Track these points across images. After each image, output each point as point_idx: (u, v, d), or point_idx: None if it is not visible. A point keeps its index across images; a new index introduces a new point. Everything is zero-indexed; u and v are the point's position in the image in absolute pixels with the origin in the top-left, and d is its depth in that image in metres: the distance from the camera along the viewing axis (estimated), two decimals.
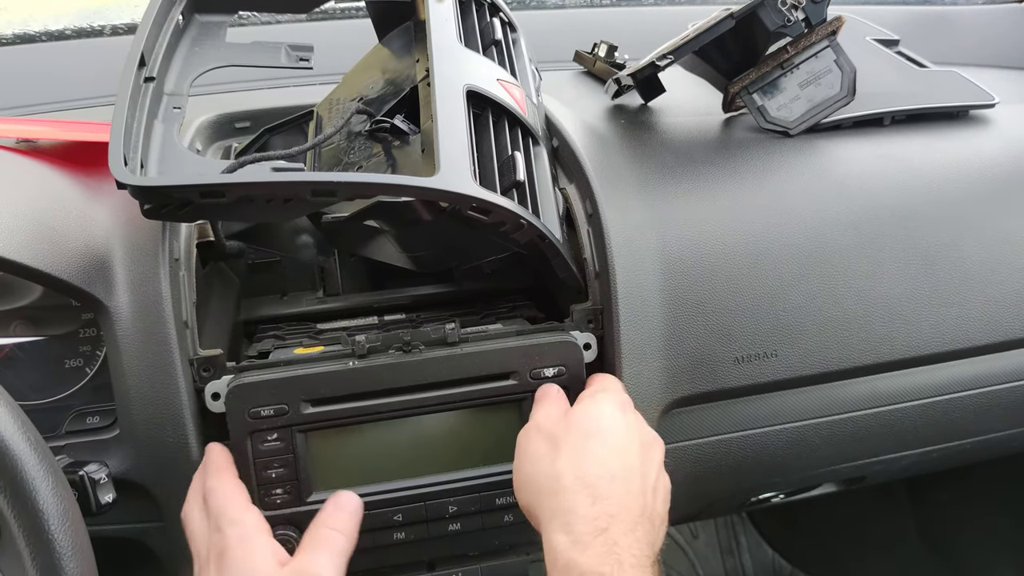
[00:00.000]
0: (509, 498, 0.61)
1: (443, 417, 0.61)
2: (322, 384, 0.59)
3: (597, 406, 0.57)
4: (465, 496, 0.61)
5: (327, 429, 0.59)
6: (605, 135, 0.77)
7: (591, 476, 0.51)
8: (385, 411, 0.60)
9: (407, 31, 0.72)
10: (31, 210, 0.61)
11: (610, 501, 0.50)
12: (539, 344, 0.61)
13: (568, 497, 0.50)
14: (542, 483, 0.53)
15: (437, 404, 0.60)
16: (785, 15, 0.76)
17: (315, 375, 0.59)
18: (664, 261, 0.67)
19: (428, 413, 0.61)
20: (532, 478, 0.54)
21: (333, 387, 0.59)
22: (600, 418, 0.55)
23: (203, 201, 0.51)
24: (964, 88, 0.86)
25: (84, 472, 0.53)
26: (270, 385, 0.58)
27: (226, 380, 0.59)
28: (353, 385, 0.59)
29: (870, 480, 0.95)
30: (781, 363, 0.68)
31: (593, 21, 1.10)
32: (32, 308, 0.64)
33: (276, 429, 0.58)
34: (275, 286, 0.74)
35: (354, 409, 0.59)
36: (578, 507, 0.50)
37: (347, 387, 0.59)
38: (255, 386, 0.58)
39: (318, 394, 0.59)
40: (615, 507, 0.50)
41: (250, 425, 0.58)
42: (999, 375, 0.77)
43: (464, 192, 0.54)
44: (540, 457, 0.54)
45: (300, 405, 0.58)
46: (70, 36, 0.98)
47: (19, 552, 0.42)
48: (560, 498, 0.51)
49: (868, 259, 0.71)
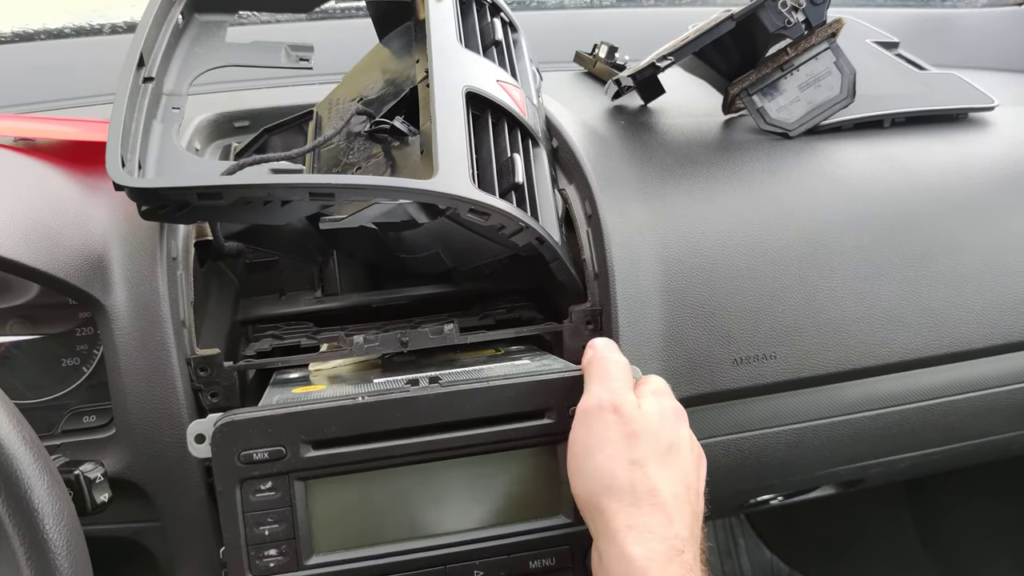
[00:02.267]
0: (545, 560, 0.54)
1: (467, 463, 0.53)
2: (326, 422, 0.50)
3: (671, 414, 0.52)
4: (493, 559, 0.53)
5: (332, 476, 0.51)
6: (605, 136, 0.77)
7: (667, 494, 0.49)
8: (400, 455, 0.52)
9: (407, 31, 0.72)
10: (28, 208, 0.61)
11: (682, 523, 0.49)
12: (578, 377, 0.53)
13: (645, 512, 0.48)
14: (615, 484, 0.49)
15: (460, 447, 0.52)
16: (785, 17, 0.76)
17: (317, 411, 0.50)
18: (663, 262, 0.67)
19: (450, 458, 0.53)
20: (601, 471, 0.49)
21: (339, 426, 0.51)
22: (675, 429, 0.52)
23: (201, 203, 0.51)
24: (964, 91, 0.86)
25: (80, 471, 0.53)
26: (264, 423, 0.50)
27: (212, 419, 0.51)
28: (362, 424, 0.51)
29: (869, 482, 0.95)
30: (780, 365, 0.68)
31: (593, 22, 1.10)
32: (29, 306, 0.64)
33: (271, 476, 0.50)
34: (273, 286, 0.74)
35: (364, 452, 0.51)
36: (655, 525, 0.48)
37: (355, 426, 0.51)
38: (247, 424, 0.50)
39: (321, 434, 0.50)
40: (686, 530, 0.49)
41: (240, 471, 0.50)
42: (998, 378, 0.77)
43: (462, 195, 0.54)
44: (612, 447, 0.49)
45: (300, 447, 0.50)
46: (69, 34, 0.98)
47: (14, 551, 0.42)
48: (639, 512, 0.48)
49: (867, 261, 0.71)
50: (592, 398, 0.51)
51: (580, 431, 0.51)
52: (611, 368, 0.53)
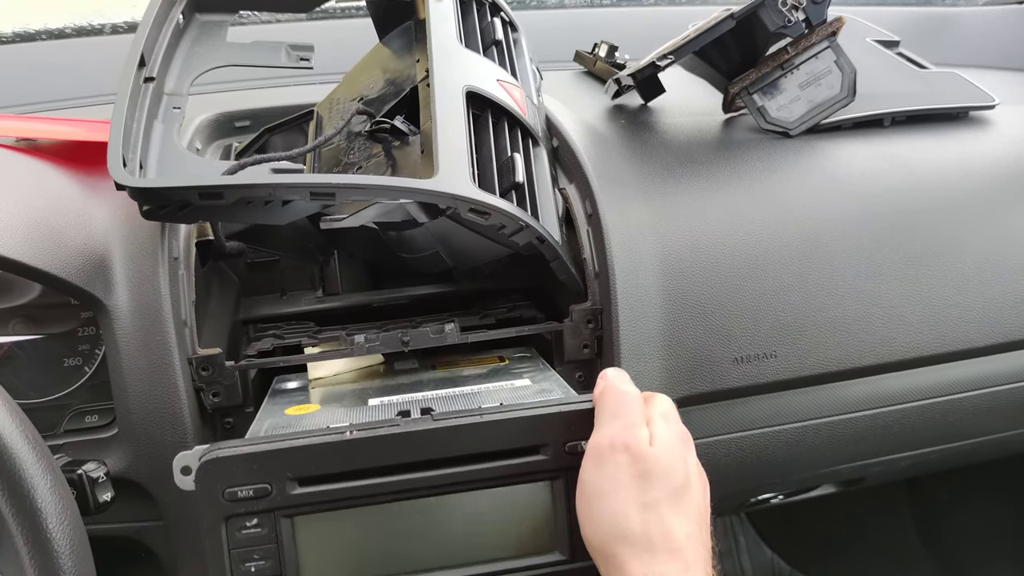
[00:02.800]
0: None
1: (459, 499, 0.51)
2: (313, 459, 0.49)
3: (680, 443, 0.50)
4: None
5: (320, 513, 0.50)
6: (605, 135, 0.77)
7: (682, 535, 0.47)
8: (389, 492, 0.50)
9: (407, 31, 0.72)
10: (30, 209, 0.61)
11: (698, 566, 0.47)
12: (576, 411, 0.52)
13: (661, 559, 0.46)
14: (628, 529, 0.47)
15: (451, 484, 0.51)
16: (785, 15, 0.76)
17: (304, 448, 0.49)
18: (664, 261, 0.67)
19: (441, 494, 0.51)
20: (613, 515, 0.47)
21: (326, 463, 0.49)
22: (685, 461, 0.50)
23: (202, 203, 0.51)
24: (964, 89, 0.86)
25: (82, 471, 0.53)
26: (249, 460, 0.49)
27: (198, 452, 0.50)
28: (351, 460, 0.50)
29: (869, 481, 0.95)
30: (780, 364, 0.68)
31: (593, 21, 1.10)
32: (31, 306, 0.64)
33: (257, 514, 0.49)
34: (274, 285, 0.74)
35: (352, 489, 0.50)
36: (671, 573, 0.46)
37: (343, 463, 0.50)
38: (231, 461, 0.48)
39: (308, 471, 0.49)
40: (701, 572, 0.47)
41: (225, 508, 0.48)
42: (999, 376, 0.77)
43: (462, 194, 0.54)
44: (625, 490, 0.47)
45: (286, 484, 0.49)
46: (70, 34, 0.98)
47: (17, 550, 0.42)
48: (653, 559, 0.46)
49: (868, 260, 0.71)
50: (604, 436, 0.49)
51: (592, 472, 0.49)
52: (625, 402, 0.51)
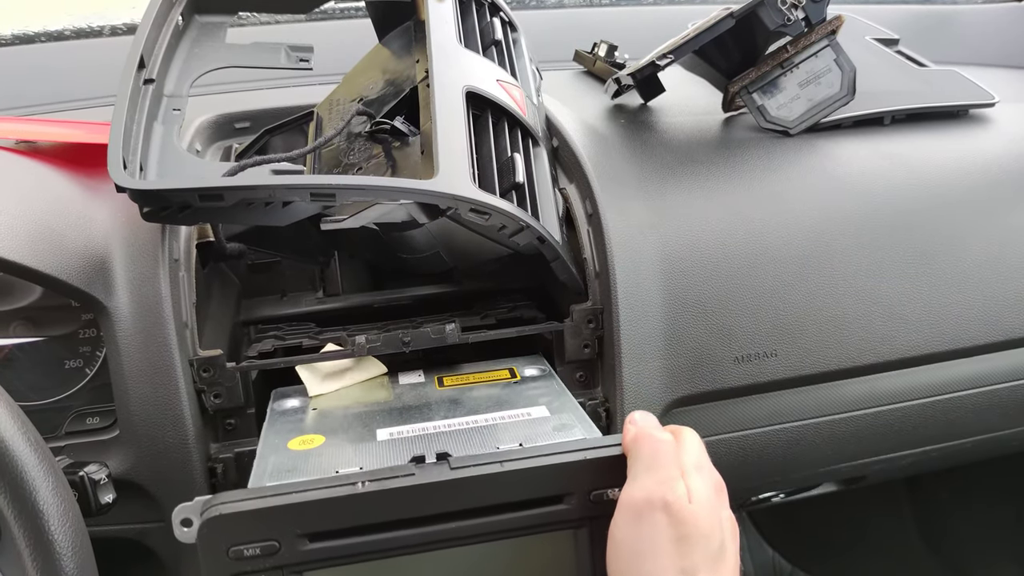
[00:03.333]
0: None
1: (475, 551, 0.49)
2: (324, 514, 0.46)
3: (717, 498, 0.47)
4: None
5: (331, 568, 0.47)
6: (605, 135, 0.77)
7: None
8: (404, 546, 0.47)
9: (407, 31, 0.72)
10: (30, 211, 0.61)
11: None
12: (604, 459, 0.49)
13: None
14: None
15: (469, 536, 0.48)
16: (785, 14, 0.76)
17: (314, 503, 0.46)
18: (664, 261, 0.67)
19: (457, 547, 0.48)
20: None
21: (338, 517, 0.46)
22: (721, 519, 0.46)
23: (202, 204, 0.51)
24: (964, 87, 0.86)
25: (84, 472, 0.53)
26: (255, 516, 0.45)
27: (199, 503, 0.47)
28: (363, 515, 0.47)
29: (870, 479, 0.95)
30: (781, 363, 0.68)
31: (593, 21, 1.10)
32: (32, 309, 0.64)
33: (264, 572, 0.46)
34: (275, 286, 0.74)
35: (365, 544, 0.47)
36: None
37: (356, 517, 0.47)
38: (236, 518, 0.45)
39: (319, 527, 0.46)
40: None
41: (230, 567, 0.46)
42: (999, 374, 0.77)
43: (462, 195, 0.54)
44: (664, 556, 0.44)
45: (295, 541, 0.46)
46: (69, 36, 0.98)
47: (19, 552, 0.42)
48: None
49: (868, 258, 0.71)
50: (640, 490, 0.45)
51: (626, 530, 0.45)
52: (661, 451, 0.47)
